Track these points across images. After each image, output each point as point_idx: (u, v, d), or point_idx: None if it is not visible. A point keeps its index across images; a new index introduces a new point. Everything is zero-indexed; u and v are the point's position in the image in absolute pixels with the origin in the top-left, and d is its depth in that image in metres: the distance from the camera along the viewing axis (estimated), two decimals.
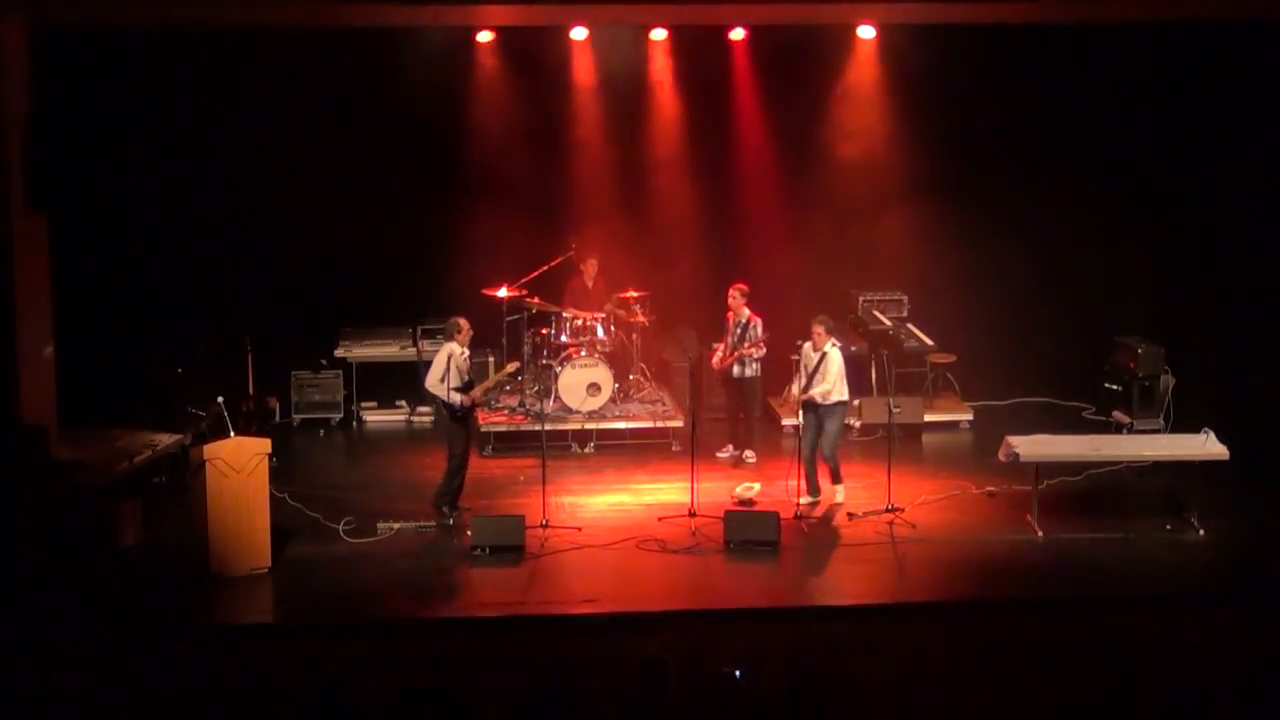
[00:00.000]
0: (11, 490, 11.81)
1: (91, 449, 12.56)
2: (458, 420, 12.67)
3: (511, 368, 13.53)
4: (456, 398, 12.50)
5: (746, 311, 14.36)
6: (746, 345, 14.25)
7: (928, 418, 15.45)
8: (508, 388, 15.77)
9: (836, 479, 13.18)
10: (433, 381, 12.61)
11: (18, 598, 11.04)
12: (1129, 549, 12.17)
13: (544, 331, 15.69)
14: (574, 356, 15.24)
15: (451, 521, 12.57)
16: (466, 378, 12.69)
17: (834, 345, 13.08)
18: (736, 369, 14.45)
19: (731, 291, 14.41)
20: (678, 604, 11.13)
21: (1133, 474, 13.88)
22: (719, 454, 14.61)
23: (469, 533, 12.10)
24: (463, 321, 12.73)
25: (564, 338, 15.41)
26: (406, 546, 12.20)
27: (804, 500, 12.96)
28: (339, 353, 16.20)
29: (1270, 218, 15.05)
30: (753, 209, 16.51)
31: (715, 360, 14.59)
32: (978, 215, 16.20)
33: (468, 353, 12.82)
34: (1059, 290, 16.24)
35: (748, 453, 14.67)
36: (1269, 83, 14.74)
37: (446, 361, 12.49)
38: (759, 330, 14.28)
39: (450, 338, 12.71)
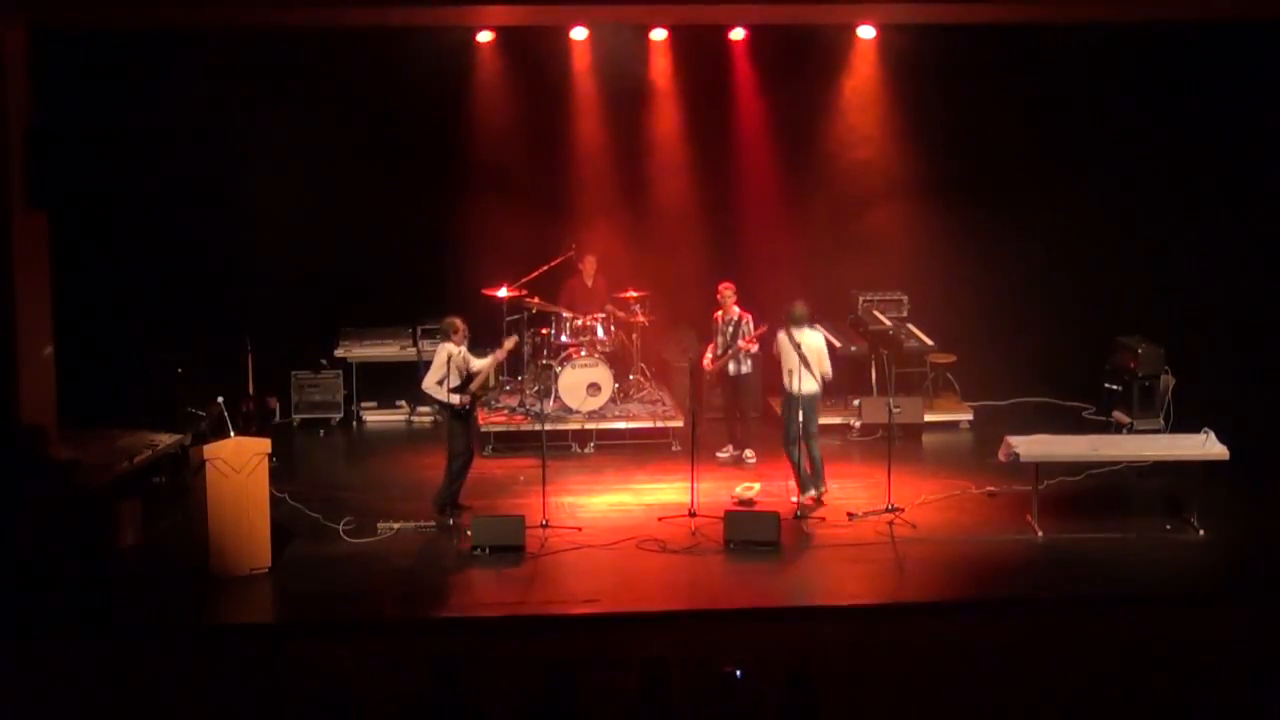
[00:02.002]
0: (11, 490, 11.81)
1: (91, 449, 12.55)
2: (459, 418, 12.70)
3: (510, 343, 13.50)
4: (455, 399, 12.53)
5: (737, 310, 14.37)
6: (741, 342, 14.25)
7: (928, 418, 15.46)
8: (507, 387, 15.79)
9: (801, 480, 13.03)
10: (430, 384, 12.65)
11: (18, 597, 11.03)
12: (1129, 549, 12.16)
13: (544, 331, 15.69)
14: (574, 356, 15.24)
15: (452, 522, 12.57)
16: (464, 376, 12.71)
17: (802, 331, 13.08)
18: (732, 367, 14.46)
19: (722, 290, 14.36)
20: (678, 604, 11.13)
21: (1133, 474, 13.89)
22: (719, 454, 14.62)
23: (469, 533, 12.10)
24: (458, 321, 12.75)
25: (564, 338, 15.41)
26: (406, 546, 12.20)
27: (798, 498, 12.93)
28: (339, 353, 16.19)
29: (1271, 217, 15.05)
30: (753, 208, 16.51)
31: (706, 361, 14.57)
32: (978, 215, 16.19)
33: (465, 351, 12.83)
34: (1059, 290, 16.24)
35: (747, 452, 14.68)
36: (1269, 82, 14.75)
37: (446, 363, 12.51)
38: (751, 326, 14.28)
39: (447, 338, 12.73)
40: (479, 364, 12.91)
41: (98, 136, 14.10)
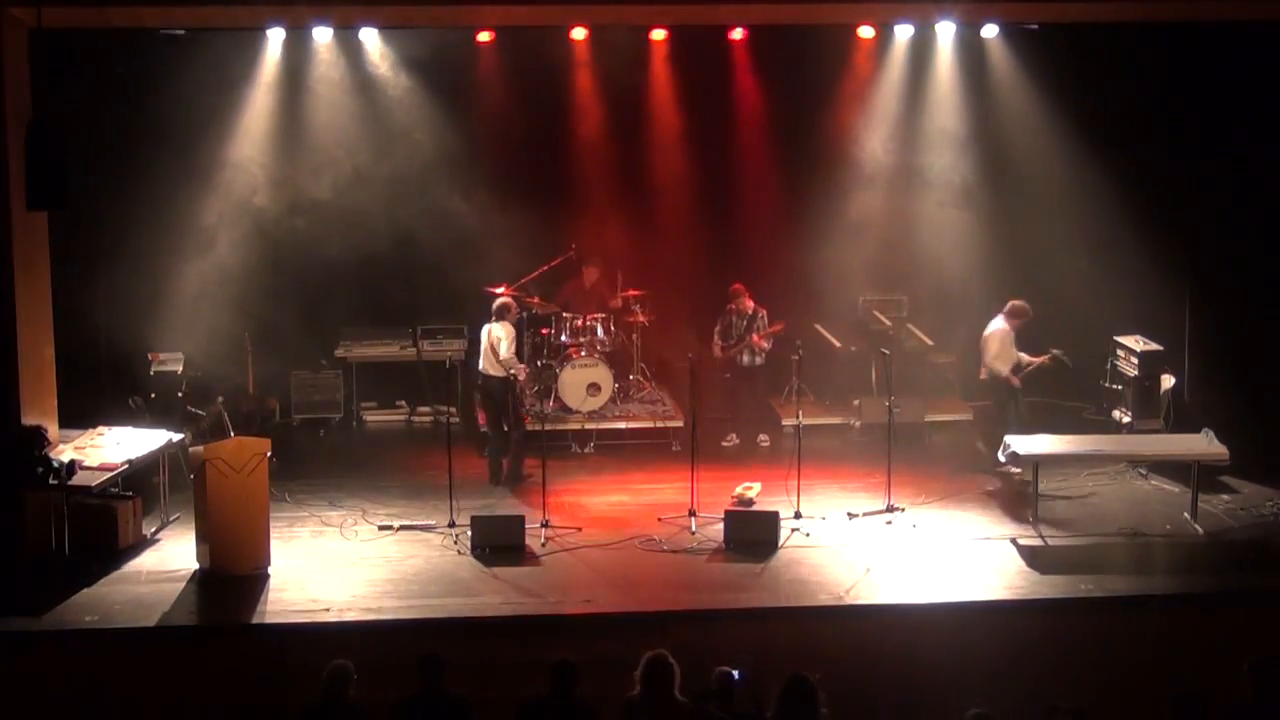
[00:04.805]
0: (11, 490, 11.80)
1: (91, 449, 12.54)
2: (514, 391, 13.75)
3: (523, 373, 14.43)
4: (523, 369, 13.93)
5: (751, 304, 14.77)
6: (757, 334, 14.68)
7: (928, 418, 15.49)
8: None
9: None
10: (509, 356, 13.60)
11: (17, 597, 11.03)
12: (1129, 549, 12.17)
13: (544, 331, 15.70)
14: (574, 356, 15.25)
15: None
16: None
17: None
18: (746, 357, 14.79)
19: (737, 287, 14.92)
20: (678, 604, 11.13)
21: (1133, 474, 13.90)
22: (724, 443, 14.93)
23: (469, 532, 12.12)
24: (513, 302, 14.06)
25: (564, 338, 15.42)
26: (406, 546, 12.20)
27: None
28: (339, 353, 16.19)
29: (1271, 217, 15.06)
30: (752, 208, 16.50)
31: (718, 350, 14.82)
32: (978, 215, 16.19)
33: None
34: (1059, 290, 16.22)
35: (761, 436, 14.93)
36: (1269, 81, 14.75)
37: (515, 335, 13.73)
38: (766, 321, 14.72)
39: (502, 318, 13.75)
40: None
41: (98, 136, 14.09)
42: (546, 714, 8.50)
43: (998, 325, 14.01)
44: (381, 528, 12.55)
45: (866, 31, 15.54)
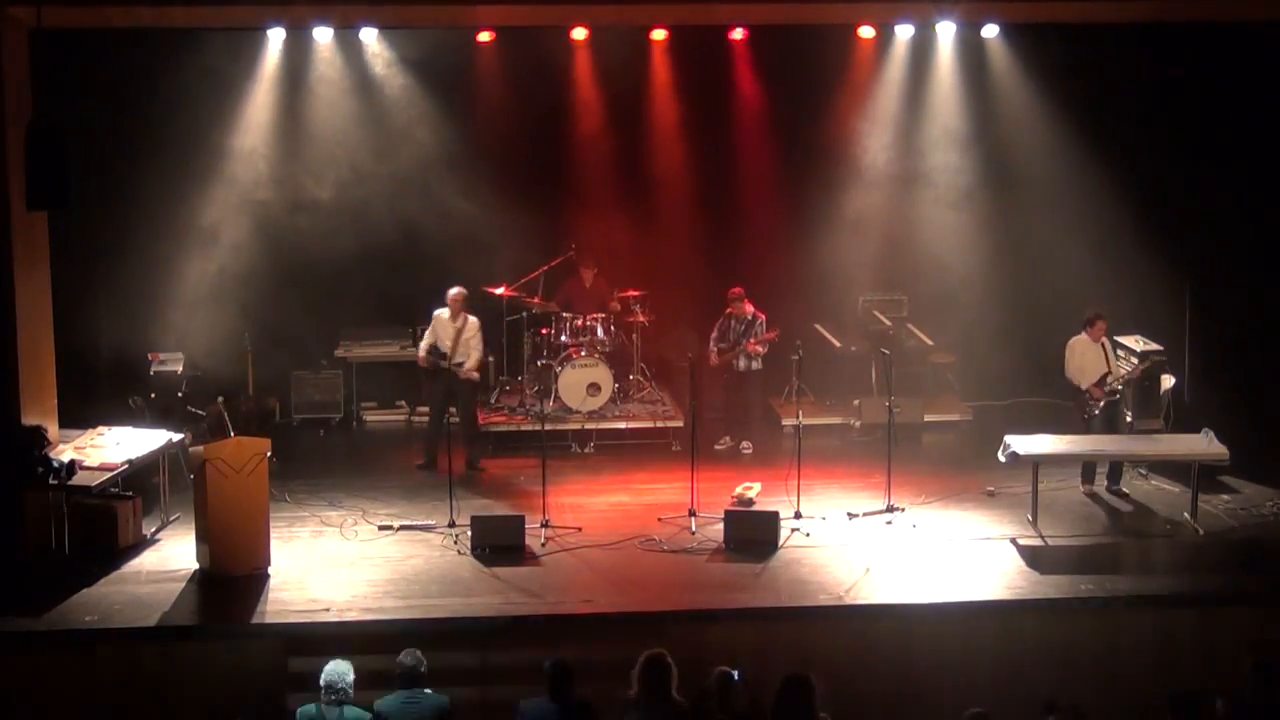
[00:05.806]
0: (11, 490, 11.80)
1: (91, 449, 12.54)
2: (429, 375, 14.28)
3: (471, 372, 14.34)
4: (420, 356, 14.35)
5: (750, 309, 14.69)
6: (752, 340, 14.64)
7: (928, 418, 15.48)
8: (507, 388, 15.82)
9: None
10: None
11: (17, 597, 11.03)
12: (1129, 549, 12.16)
13: (544, 331, 15.71)
14: (574, 356, 15.25)
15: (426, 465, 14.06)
16: (445, 347, 14.09)
17: None
18: (743, 362, 14.77)
19: (737, 291, 14.83)
20: (678, 604, 11.13)
21: (1133, 474, 13.89)
22: (716, 445, 14.83)
23: (469, 532, 12.12)
24: (449, 291, 14.21)
25: (564, 338, 15.42)
26: (406, 546, 12.20)
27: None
28: (339, 353, 16.19)
29: (1271, 217, 15.05)
30: (752, 208, 16.50)
31: (714, 357, 14.78)
32: (978, 215, 16.19)
33: (460, 323, 14.05)
34: (1059, 290, 16.23)
35: (744, 443, 14.81)
36: (1269, 82, 14.74)
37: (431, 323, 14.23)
38: (764, 328, 14.67)
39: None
40: (447, 343, 14.16)
41: (98, 136, 14.09)
42: (545, 714, 8.50)
43: (1076, 336, 13.68)
44: (381, 528, 12.55)
45: (867, 31, 15.54)
